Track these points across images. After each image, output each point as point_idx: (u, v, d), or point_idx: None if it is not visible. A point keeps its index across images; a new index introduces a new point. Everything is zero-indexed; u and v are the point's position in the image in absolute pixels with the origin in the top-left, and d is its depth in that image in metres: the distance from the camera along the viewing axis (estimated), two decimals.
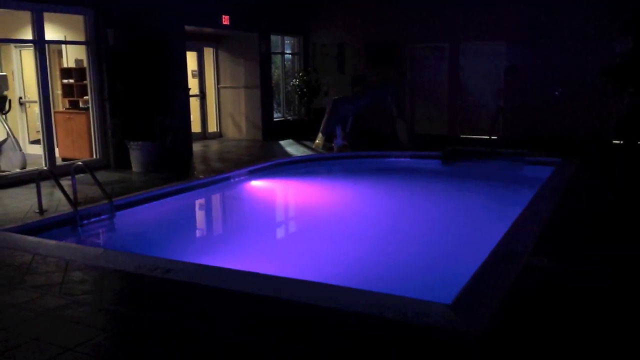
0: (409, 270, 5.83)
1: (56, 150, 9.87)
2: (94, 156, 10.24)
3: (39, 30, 9.07)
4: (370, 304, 4.11)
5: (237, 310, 4.15)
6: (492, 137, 11.26)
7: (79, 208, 6.86)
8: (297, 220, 8.73)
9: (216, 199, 9.62)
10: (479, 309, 4.01)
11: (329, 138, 12.55)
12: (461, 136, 13.90)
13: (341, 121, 12.40)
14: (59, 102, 11.46)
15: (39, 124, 10.49)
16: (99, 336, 3.73)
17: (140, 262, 5.07)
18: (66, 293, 4.49)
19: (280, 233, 8.17)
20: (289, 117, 15.82)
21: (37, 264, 5.14)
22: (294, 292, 4.35)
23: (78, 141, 10.52)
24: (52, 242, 5.70)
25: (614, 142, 12.47)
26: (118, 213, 7.23)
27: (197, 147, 12.82)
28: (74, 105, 11.10)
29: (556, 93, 12.87)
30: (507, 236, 5.76)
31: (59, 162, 9.85)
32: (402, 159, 11.65)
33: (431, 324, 3.77)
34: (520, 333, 3.74)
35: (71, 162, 9.77)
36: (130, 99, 10.04)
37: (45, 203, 7.14)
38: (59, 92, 11.46)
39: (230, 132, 15.06)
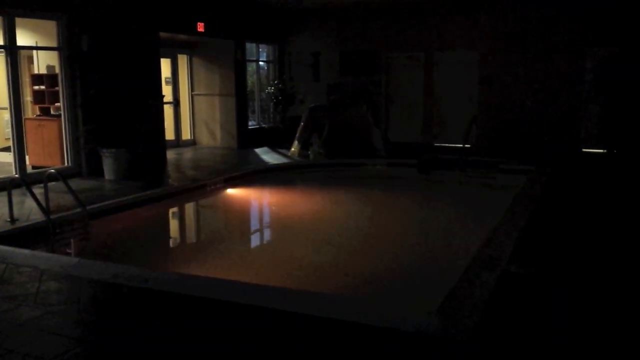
0: (388, 277, 5.84)
1: (26, 158, 9.64)
2: (66, 164, 10.03)
3: (10, 36, 8.87)
4: (353, 310, 4.10)
5: (219, 319, 4.09)
6: (466, 146, 11.38)
7: (52, 216, 6.70)
8: (273, 227, 8.67)
9: (193, 207, 9.50)
10: (462, 315, 4.03)
11: (304, 146, 12.55)
12: (435, 144, 14.03)
13: (317, 129, 12.41)
14: (29, 109, 11.21)
15: (7, 130, 10.26)
16: (76, 348, 3.64)
17: (118, 271, 4.97)
18: (42, 303, 4.37)
19: (256, 240, 8.10)
20: (264, 125, 15.77)
21: (10, 274, 5.00)
22: (274, 299, 4.30)
23: (49, 148, 10.30)
24: (26, 251, 5.55)
25: (584, 150, 12.76)
26: (92, 221, 7.09)
27: (170, 154, 12.67)
28: (45, 112, 10.88)
29: (528, 102, 13.11)
30: (485, 243, 5.81)
31: (29, 170, 9.63)
32: (378, 167, 11.70)
33: (416, 330, 3.77)
34: (503, 339, 3.77)
35: (42, 169, 9.59)
36: (103, 106, 9.89)
37: (16, 212, 6.97)
38: (29, 98, 11.22)
39: (205, 139, 14.94)
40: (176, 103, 14.43)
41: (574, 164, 11.70)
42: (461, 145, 11.50)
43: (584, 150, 12.76)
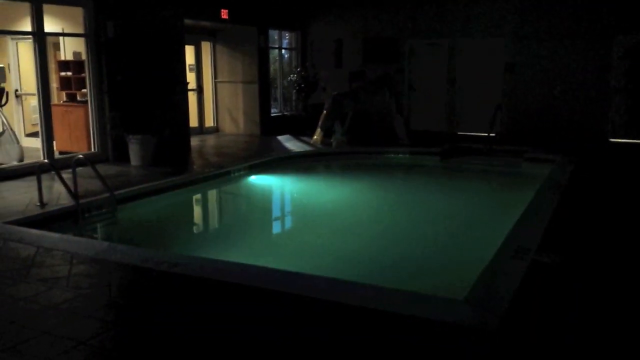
0: (415, 266, 5.83)
1: (53, 143, 9.78)
2: (92, 149, 10.15)
3: (38, 22, 8.96)
4: (383, 299, 4.10)
5: (247, 304, 4.12)
6: (490, 134, 11.26)
7: (80, 201, 6.79)
8: (296, 214, 8.69)
9: (218, 193, 9.55)
10: (491, 306, 4.00)
11: (327, 134, 12.53)
12: (458, 133, 13.91)
13: (340, 117, 12.37)
14: (55, 95, 11.34)
15: (35, 116, 10.42)
16: (108, 330, 3.70)
17: (147, 256, 5.03)
18: (73, 286, 4.44)
19: (281, 227, 8.14)
20: (286, 113, 15.77)
21: (41, 257, 5.09)
22: (304, 286, 4.32)
23: (76, 134, 10.43)
24: (56, 235, 5.63)
25: (612, 140, 12.55)
26: (119, 206, 7.17)
27: (194, 141, 12.75)
28: (71, 98, 11.00)
29: (555, 91, 12.91)
30: (513, 233, 5.76)
31: (56, 155, 9.76)
32: (401, 155, 11.64)
33: (446, 319, 3.76)
34: (532, 328, 3.74)
35: (70, 155, 9.72)
36: (129, 92, 9.97)
37: (45, 196, 7.07)
38: (55, 85, 11.35)
39: (227, 127, 15.00)
40: (199, 90, 14.50)
41: (601, 154, 11.52)
42: (485, 134, 11.39)
43: (612, 140, 12.55)
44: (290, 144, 12.90)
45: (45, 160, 7.84)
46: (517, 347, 3.47)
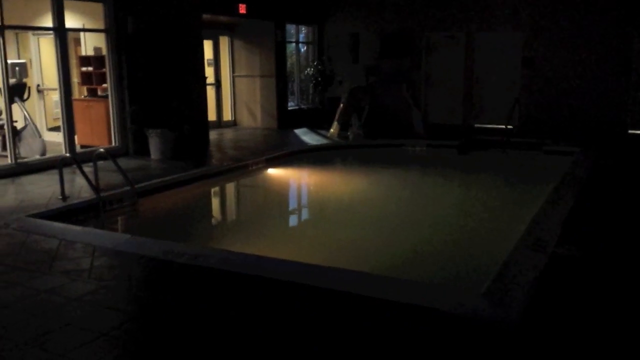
0: (434, 258, 5.83)
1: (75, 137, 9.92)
2: (113, 143, 10.28)
3: (59, 18, 9.08)
4: (402, 292, 4.13)
5: (269, 297, 4.17)
6: (508, 127, 11.19)
7: (101, 194, 6.89)
8: (314, 207, 8.73)
9: (236, 186, 9.62)
10: (511, 299, 4.00)
11: (344, 127, 12.53)
12: (475, 126, 13.81)
13: (357, 110, 12.37)
14: (76, 90, 11.49)
15: (56, 111, 10.55)
16: (130, 322, 3.77)
17: (168, 248, 5.10)
18: (96, 278, 4.52)
19: (299, 220, 8.18)
20: (303, 106, 15.80)
21: (64, 250, 5.19)
22: (327, 279, 4.35)
23: (96, 128, 10.56)
24: (78, 227, 5.74)
25: (630, 132, 12.39)
26: (140, 199, 7.27)
27: (212, 135, 12.81)
28: (92, 93, 11.13)
29: (573, 84, 12.74)
30: (532, 225, 5.74)
31: (77, 149, 9.89)
32: (418, 148, 11.61)
33: (465, 313, 3.77)
34: (552, 322, 3.73)
35: (90, 148, 9.85)
36: (148, 87, 10.06)
37: (67, 189, 7.18)
38: (76, 80, 11.49)
39: (245, 120, 15.07)
40: (218, 84, 14.58)
41: (620, 146, 11.37)
42: (503, 127, 11.32)
43: (631, 131, 12.39)
44: (308, 137, 12.93)
45: (67, 154, 7.95)
46: (537, 341, 3.47)
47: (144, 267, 4.84)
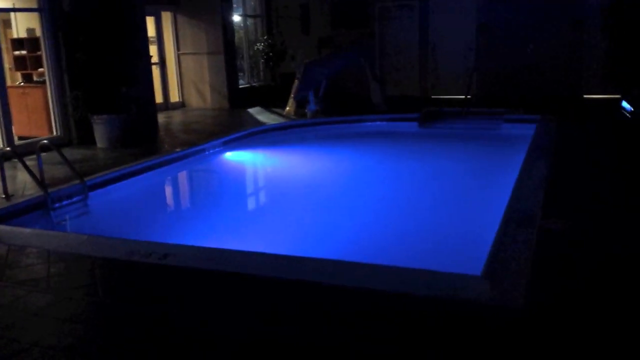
0: (412, 240, 5.58)
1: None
2: (54, 133, 9.54)
3: None
4: (395, 280, 3.84)
5: (248, 295, 3.79)
6: (467, 97, 11.05)
7: (49, 190, 6.29)
8: (280, 191, 8.34)
9: (195, 173, 9.10)
10: (512, 279, 3.78)
11: (301, 104, 12.10)
12: (432, 97, 13.66)
13: (314, 86, 11.95)
14: (8, 77, 10.57)
15: None
16: (101, 336, 3.35)
17: (132, 248, 4.63)
18: (54, 288, 4.03)
19: (265, 205, 7.79)
20: (254, 84, 15.24)
21: (15, 256, 4.63)
22: (306, 271, 4.03)
23: (34, 117, 9.77)
24: (28, 230, 5.16)
25: (585, 97, 12.51)
26: (91, 193, 6.69)
27: (160, 118, 12.13)
28: (27, 78, 10.28)
29: (528, 50, 12.73)
30: (513, 199, 5.55)
31: (15, 141, 9.12)
32: (378, 123, 11.34)
33: (468, 298, 3.52)
34: (559, 301, 3.53)
35: (29, 140, 9.11)
36: (90, 69, 9.33)
37: (8, 187, 6.53)
38: (8, 65, 10.56)
39: (194, 101, 14.40)
40: (162, 63, 13.81)
41: (577, 111, 11.43)
42: (461, 97, 11.17)
43: (585, 96, 12.50)
44: (263, 116, 12.44)
45: (7, 148, 7.24)
46: (543, 323, 3.25)
47: (107, 271, 4.35)
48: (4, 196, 6.25)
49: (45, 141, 6.93)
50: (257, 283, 3.95)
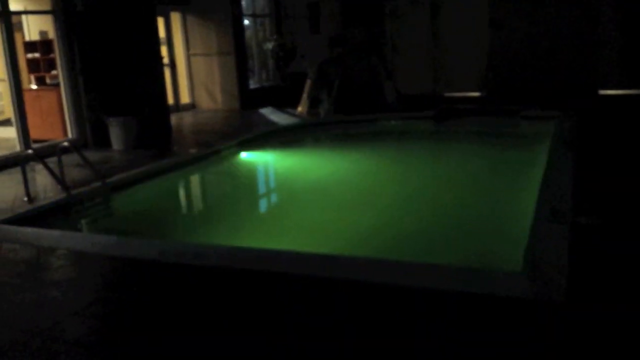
0: (443, 237, 5.52)
1: None
2: (69, 135, 9.49)
3: (2, 1, 8.18)
4: (433, 277, 3.79)
5: (287, 292, 3.74)
6: (481, 94, 10.99)
7: (71, 192, 6.25)
8: (298, 191, 8.24)
9: (213, 174, 9.00)
10: (553, 275, 3.72)
11: (313, 104, 12.04)
12: (446, 94, 13.57)
13: (327, 85, 11.89)
14: (24, 79, 10.54)
15: (1, 103, 9.68)
16: (139, 335, 3.31)
17: (163, 248, 4.60)
18: (90, 289, 4.00)
19: (287, 206, 7.69)
20: (265, 84, 15.19)
21: (46, 258, 4.60)
22: (338, 269, 3.99)
23: (49, 120, 9.73)
24: (56, 232, 5.10)
25: (601, 92, 12.41)
26: (113, 195, 6.65)
27: (172, 120, 12.05)
28: (40, 81, 10.25)
29: (542, 46, 12.59)
30: (542, 195, 5.49)
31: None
32: (393, 122, 11.26)
33: (511, 294, 3.47)
34: (601, 295, 3.48)
35: (45, 143, 9.10)
36: (104, 71, 9.29)
37: (29, 189, 6.48)
38: (22, 68, 10.53)
39: (205, 102, 14.35)
40: (172, 65, 13.78)
41: (594, 107, 11.34)
42: (474, 94, 11.10)
43: (601, 92, 12.40)
44: (275, 116, 12.39)
45: (29, 151, 7.19)
46: (584, 319, 3.20)
47: (141, 272, 4.31)
48: (26, 199, 6.20)
49: (66, 143, 6.89)
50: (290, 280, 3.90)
